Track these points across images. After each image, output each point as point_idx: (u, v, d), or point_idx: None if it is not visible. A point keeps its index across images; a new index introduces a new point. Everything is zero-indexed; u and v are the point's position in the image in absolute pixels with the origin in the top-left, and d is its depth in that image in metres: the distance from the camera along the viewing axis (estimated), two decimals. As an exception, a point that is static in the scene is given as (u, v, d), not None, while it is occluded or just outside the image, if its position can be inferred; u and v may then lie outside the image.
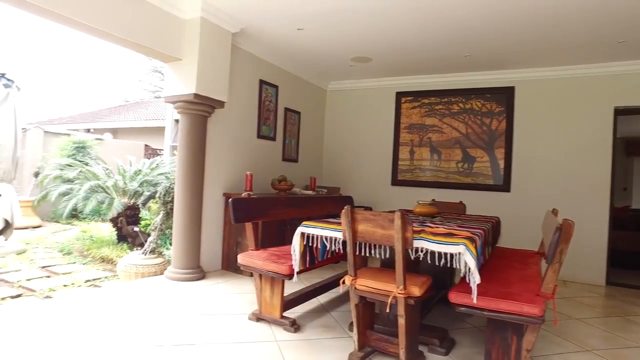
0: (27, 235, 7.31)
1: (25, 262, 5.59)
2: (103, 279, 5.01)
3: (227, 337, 2.94)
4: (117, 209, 5.87)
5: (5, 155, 5.81)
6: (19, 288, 4.56)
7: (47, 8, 3.15)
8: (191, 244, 4.25)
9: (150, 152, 11.35)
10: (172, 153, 7.45)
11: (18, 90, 6.05)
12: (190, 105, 4.19)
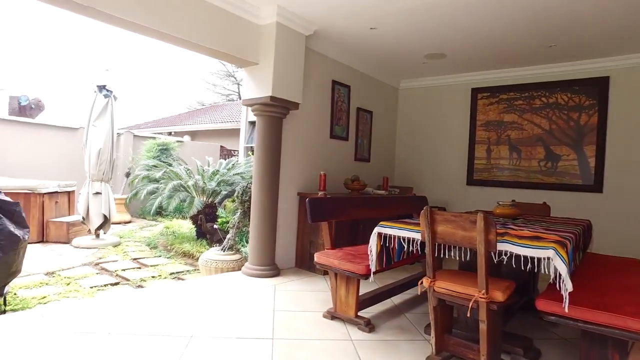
0: (120, 230, 8.03)
1: (120, 254, 6.15)
2: (185, 272, 5.36)
3: (303, 333, 3.01)
4: (197, 207, 6.25)
5: (104, 157, 6.43)
6: (116, 277, 5.03)
7: (136, 22, 3.41)
8: (267, 241, 4.41)
9: (225, 153, 11.94)
10: (246, 154, 7.78)
11: (115, 99, 6.67)
12: (267, 107, 4.34)
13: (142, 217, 9.84)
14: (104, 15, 3.24)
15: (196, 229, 6.76)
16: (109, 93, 6.63)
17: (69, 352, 2.52)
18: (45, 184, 6.86)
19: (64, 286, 4.58)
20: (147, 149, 9.65)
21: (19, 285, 4.42)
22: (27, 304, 3.96)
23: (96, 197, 6.48)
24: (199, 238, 6.69)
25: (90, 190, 6.46)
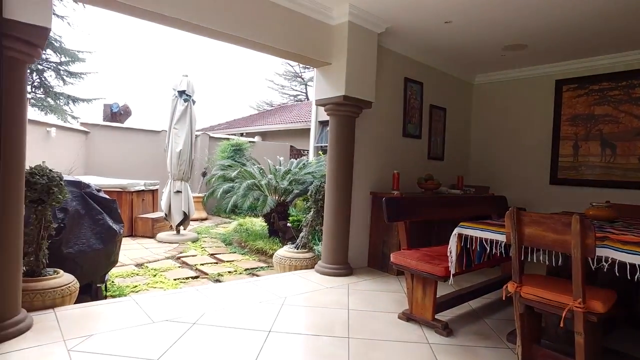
0: (197, 226, 8.51)
1: (198, 249, 6.51)
2: (259, 268, 5.53)
3: (378, 333, 2.98)
4: (270, 205, 6.43)
5: (184, 158, 6.85)
6: (196, 270, 5.32)
7: (217, 29, 3.58)
8: (340, 240, 4.43)
9: (295, 153, 12.19)
10: (316, 153, 7.87)
11: (193, 103, 7.08)
12: (340, 106, 4.36)
13: (217, 214, 10.34)
14: (187, 24, 3.44)
15: (268, 226, 6.96)
16: (188, 98, 7.04)
17: (159, 338, 2.71)
18: (134, 183, 7.46)
19: (151, 277, 4.93)
20: (221, 150, 10.13)
21: (115, 274, 4.83)
22: (122, 291, 4.31)
23: (177, 195, 6.92)
24: (271, 236, 6.88)
25: (172, 189, 6.91)
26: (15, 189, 2.59)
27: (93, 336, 2.68)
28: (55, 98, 14.77)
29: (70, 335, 2.66)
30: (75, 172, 7.33)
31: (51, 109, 14.41)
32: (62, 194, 3.15)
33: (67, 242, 3.56)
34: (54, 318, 2.92)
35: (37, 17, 2.47)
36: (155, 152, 9.54)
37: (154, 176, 8.72)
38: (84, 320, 2.93)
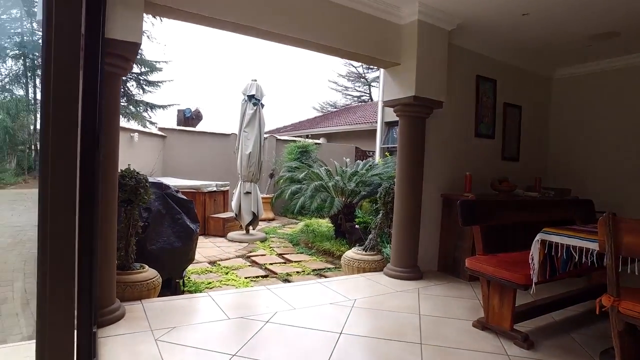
0: (265, 226, 8.76)
1: (266, 249, 6.70)
2: (326, 269, 5.58)
3: (452, 341, 2.87)
4: (337, 207, 6.46)
5: (253, 160, 7.09)
6: (265, 270, 5.48)
7: (283, 34, 3.66)
8: (409, 243, 4.34)
9: (360, 154, 12.16)
10: (383, 154, 7.79)
11: (262, 107, 7.31)
12: (410, 107, 4.27)
13: (284, 215, 10.58)
14: (256, 30, 3.55)
15: (335, 228, 7.00)
16: (257, 101, 7.28)
17: (235, 334, 2.82)
18: (206, 185, 7.85)
19: (224, 275, 5.15)
20: (288, 152, 10.36)
21: (191, 271, 5.11)
22: (198, 287, 4.55)
23: (247, 196, 7.17)
24: (337, 237, 6.91)
25: (242, 190, 7.18)
26: (112, 189, 2.84)
27: (176, 328, 2.85)
28: (135, 105, 16.07)
29: (157, 326, 2.86)
30: (154, 174, 7.88)
31: (132, 116, 15.69)
32: (147, 195, 3.39)
33: (151, 239, 3.83)
34: (141, 309, 3.15)
35: (131, 34, 2.68)
36: (225, 154, 9.98)
37: (224, 177, 9.11)
38: (167, 313, 3.13)
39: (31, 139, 15.08)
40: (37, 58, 17.15)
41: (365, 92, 29.42)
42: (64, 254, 1.14)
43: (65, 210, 1.13)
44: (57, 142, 1.09)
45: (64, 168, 1.10)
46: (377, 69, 24.27)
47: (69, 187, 1.12)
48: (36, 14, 15.23)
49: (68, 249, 1.15)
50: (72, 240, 1.14)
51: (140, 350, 2.52)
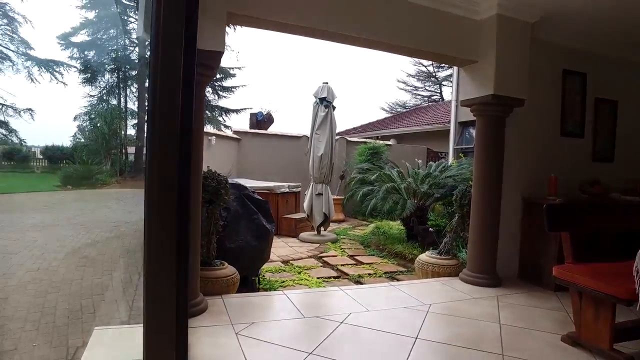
0: (335, 227, 8.84)
1: (337, 250, 6.76)
2: (399, 272, 5.50)
3: (538, 355, 2.70)
4: (409, 209, 6.34)
5: (325, 162, 7.20)
6: (337, 271, 5.53)
7: (355, 35, 3.67)
8: (487, 248, 4.14)
9: (432, 155, 11.83)
10: (456, 156, 7.52)
11: (334, 109, 7.40)
12: (488, 106, 4.09)
13: (354, 216, 10.59)
14: (332, 34, 3.61)
15: (406, 230, 6.88)
16: (329, 104, 7.37)
17: (311, 332, 2.88)
18: (279, 186, 8.10)
19: (297, 274, 5.28)
20: (358, 153, 10.36)
21: (265, 269, 5.30)
22: (272, 285, 4.71)
23: (318, 197, 7.29)
24: (409, 240, 6.78)
25: (314, 192, 7.31)
26: (197, 190, 3.05)
27: (255, 324, 2.98)
28: (211, 110, 17.08)
29: (236, 321, 3.00)
30: (230, 176, 8.29)
31: (209, 120, 16.69)
32: (228, 196, 3.58)
33: (230, 238, 4.03)
34: (222, 304, 3.33)
35: (215, 44, 2.86)
36: (296, 156, 10.21)
37: (295, 179, 9.32)
38: (246, 308, 3.28)
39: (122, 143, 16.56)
40: (129, 71, 18.67)
41: (436, 91, 28.58)
42: (168, 248, 1.24)
43: (168, 208, 1.23)
44: (162, 148, 1.19)
45: (168, 171, 1.20)
46: (448, 67, 23.42)
47: (171, 188, 1.22)
48: (130, 32, 16.51)
49: (170, 241, 1.24)
50: (173, 236, 1.24)
51: (222, 342, 2.67)
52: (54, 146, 23.21)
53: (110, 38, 30.23)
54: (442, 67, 25.57)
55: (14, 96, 16.51)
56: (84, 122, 23.49)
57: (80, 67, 25.61)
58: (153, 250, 1.23)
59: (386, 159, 9.71)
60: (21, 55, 16.22)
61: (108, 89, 27.42)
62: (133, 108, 27.90)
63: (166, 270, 1.23)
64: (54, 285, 4.95)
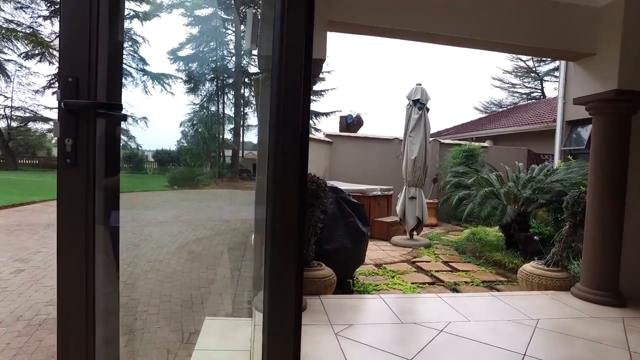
0: (428, 232, 8.59)
1: (431, 256, 6.55)
2: (498, 282, 5.17)
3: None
4: (510, 215, 5.95)
5: (419, 165, 7.04)
6: (431, 277, 5.37)
7: (460, 37, 3.53)
8: (607, 262, 3.72)
9: (533, 158, 10.95)
10: (564, 158, 6.88)
11: (427, 111, 7.21)
12: (609, 103, 3.67)
13: (447, 221, 10.20)
14: (434, 36, 3.52)
15: (505, 238, 6.46)
16: (422, 106, 7.20)
17: (410, 339, 2.84)
18: (371, 189, 8.09)
19: (390, 278, 5.22)
20: (452, 156, 9.96)
21: (358, 272, 5.33)
22: (366, 288, 4.72)
23: (411, 201, 7.15)
24: (508, 248, 6.36)
25: (407, 195, 7.18)
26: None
27: (352, 326, 3.01)
28: (304, 114, 17.61)
29: (335, 321, 3.06)
30: (324, 179, 8.47)
31: (302, 124, 17.22)
32: (327, 199, 3.67)
33: (326, 240, 4.12)
34: (320, 304, 3.42)
35: (318, 52, 2.96)
36: (387, 159, 10.11)
37: (386, 182, 9.23)
38: (343, 310, 3.33)
39: (220, 147, 17.92)
40: (227, 79, 20.20)
41: (536, 88, 26.44)
42: (290, 249, 1.31)
43: (290, 209, 1.30)
44: (286, 153, 1.27)
45: (292, 174, 1.27)
46: (550, 61, 21.48)
47: (294, 189, 1.29)
48: (228, 44, 17.80)
49: (292, 240, 1.30)
50: (295, 236, 1.30)
51: (322, 341, 2.74)
52: (162, 150, 25.38)
53: (210, 50, 32.67)
54: (543, 61, 23.60)
55: (133, 107, 18.38)
56: (188, 128, 25.55)
57: (185, 78, 27.94)
58: (277, 250, 1.30)
59: (482, 162, 9.20)
60: (139, 71, 18.21)
61: (208, 97, 29.72)
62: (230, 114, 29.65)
63: (288, 270, 1.29)
64: (167, 275, 5.50)
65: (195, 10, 30.30)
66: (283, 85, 1.27)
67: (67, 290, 1.19)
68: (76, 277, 1.17)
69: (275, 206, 1.29)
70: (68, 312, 1.20)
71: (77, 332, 1.20)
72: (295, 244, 1.30)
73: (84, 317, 1.20)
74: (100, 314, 1.27)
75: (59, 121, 1.10)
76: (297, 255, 1.34)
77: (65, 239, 1.16)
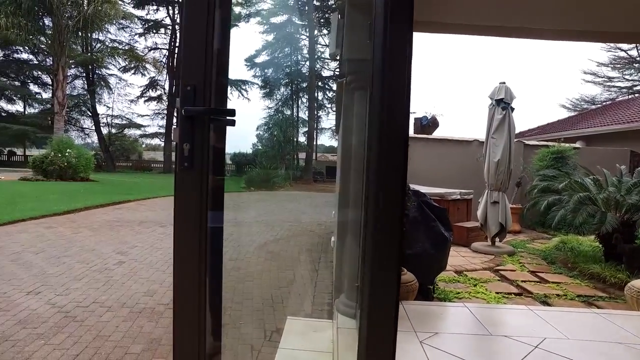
0: (511, 239, 8.08)
1: (516, 264, 6.15)
2: (597, 298, 4.71)
3: None
4: (610, 224, 5.39)
5: (502, 168, 6.65)
6: (517, 287, 5.04)
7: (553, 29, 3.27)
8: None
9: (637, 159, 9.86)
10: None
11: (512, 111, 6.79)
12: None
13: (532, 228, 9.54)
14: (530, 30, 3.30)
15: (604, 248, 5.87)
16: (506, 105, 6.79)
17: (501, 353, 2.67)
18: (450, 192, 7.80)
19: (472, 286, 4.98)
20: (539, 158, 9.29)
21: (438, 278, 5.15)
22: (447, 295, 4.54)
23: (494, 206, 6.77)
24: (607, 260, 5.77)
25: (489, 199, 6.82)
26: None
27: (438, 334, 2.91)
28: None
29: (419, 328, 2.98)
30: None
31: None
32: (410, 202, 3.59)
33: (408, 244, 4.03)
34: (402, 309, 3.34)
35: (361, 52, 2.89)
36: (465, 161, 9.70)
37: (464, 185, 8.83)
38: (426, 317, 3.24)
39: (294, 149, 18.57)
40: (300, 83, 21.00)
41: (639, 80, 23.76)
42: (390, 254, 1.29)
43: (391, 214, 1.28)
44: (391, 157, 1.25)
45: (395, 181, 1.25)
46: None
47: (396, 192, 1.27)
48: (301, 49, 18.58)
49: (394, 240, 1.28)
50: (396, 243, 1.28)
51: (407, 348, 2.68)
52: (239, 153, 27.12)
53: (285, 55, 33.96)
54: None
55: (214, 112, 19.90)
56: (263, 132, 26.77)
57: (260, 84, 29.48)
58: (377, 255, 1.29)
59: (574, 165, 8.47)
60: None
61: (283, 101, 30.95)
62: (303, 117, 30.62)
63: (389, 278, 1.28)
64: (248, 274, 5.73)
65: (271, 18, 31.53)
66: (387, 88, 1.25)
67: (181, 284, 1.28)
68: (190, 271, 1.26)
69: (378, 214, 1.27)
70: (182, 304, 1.29)
71: (190, 322, 1.28)
72: (396, 253, 1.28)
73: (196, 308, 1.28)
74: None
75: (178, 127, 1.18)
76: (398, 267, 1.32)
77: (181, 236, 1.24)
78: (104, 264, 5.79)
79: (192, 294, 1.26)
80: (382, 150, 1.26)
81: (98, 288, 4.77)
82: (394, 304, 1.26)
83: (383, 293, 1.28)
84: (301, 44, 29.80)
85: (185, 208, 1.22)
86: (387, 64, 1.25)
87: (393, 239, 1.25)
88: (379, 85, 1.27)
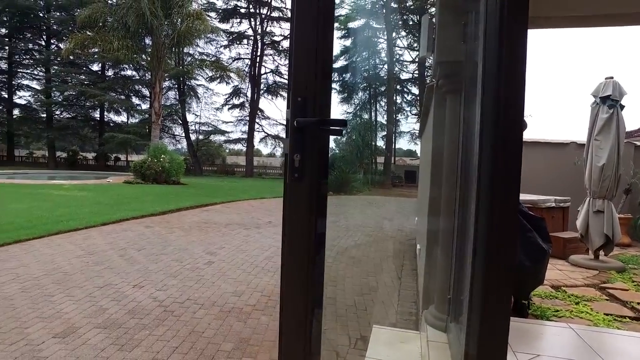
0: (619, 253, 7.25)
1: (627, 282, 5.49)
2: None
3: None
4: None
5: (608, 174, 5.99)
6: (632, 309, 4.48)
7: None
8: None
9: None
10: None
11: (621, 109, 6.11)
12: None
13: (643, 240, 8.50)
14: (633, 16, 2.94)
15: None
16: (614, 103, 6.11)
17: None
18: (544, 199, 7.21)
19: (573, 304, 4.53)
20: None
21: (533, 293, 4.76)
22: (544, 312, 4.18)
23: (597, 215, 6.12)
24: None
25: (591, 208, 6.18)
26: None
27: (541, 357, 2.67)
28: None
29: (517, 349, 2.76)
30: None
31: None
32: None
33: (500, 255, 3.78)
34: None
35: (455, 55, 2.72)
36: (560, 165, 8.93)
37: (559, 192, 8.11)
38: (525, 336, 3.00)
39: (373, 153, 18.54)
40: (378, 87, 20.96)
41: None
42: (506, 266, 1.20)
43: (509, 225, 1.19)
44: (508, 166, 1.16)
45: (514, 192, 1.16)
46: None
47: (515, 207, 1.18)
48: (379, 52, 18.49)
49: (509, 259, 1.19)
50: (511, 253, 1.18)
51: (506, 369, 2.49)
52: (318, 157, 27.50)
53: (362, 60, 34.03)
54: None
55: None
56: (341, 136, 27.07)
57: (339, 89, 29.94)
58: (489, 275, 1.20)
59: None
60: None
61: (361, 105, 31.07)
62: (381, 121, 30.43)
63: (501, 301, 1.19)
64: (331, 279, 5.76)
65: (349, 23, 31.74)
66: (502, 92, 1.17)
67: (287, 291, 1.31)
68: (298, 278, 1.27)
69: (492, 227, 1.19)
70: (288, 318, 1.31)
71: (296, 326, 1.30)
72: (509, 274, 1.19)
73: (303, 312, 1.29)
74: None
75: (289, 138, 1.20)
76: (510, 289, 1.22)
77: (290, 246, 1.27)
78: (195, 263, 6.19)
79: (298, 304, 1.28)
80: (497, 158, 1.18)
81: (191, 286, 5.10)
82: (505, 332, 1.17)
83: (495, 317, 1.19)
84: (379, 47, 29.63)
85: (295, 218, 1.24)
86: (502, 66, 1.17)
87: (507, 257, 1.16)
88: (493, 88, 1.19)
